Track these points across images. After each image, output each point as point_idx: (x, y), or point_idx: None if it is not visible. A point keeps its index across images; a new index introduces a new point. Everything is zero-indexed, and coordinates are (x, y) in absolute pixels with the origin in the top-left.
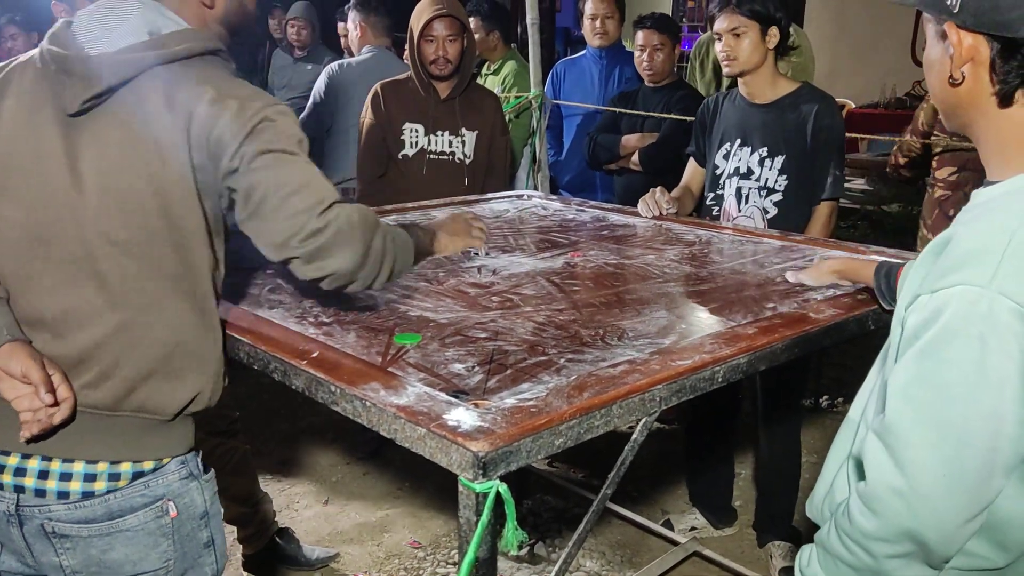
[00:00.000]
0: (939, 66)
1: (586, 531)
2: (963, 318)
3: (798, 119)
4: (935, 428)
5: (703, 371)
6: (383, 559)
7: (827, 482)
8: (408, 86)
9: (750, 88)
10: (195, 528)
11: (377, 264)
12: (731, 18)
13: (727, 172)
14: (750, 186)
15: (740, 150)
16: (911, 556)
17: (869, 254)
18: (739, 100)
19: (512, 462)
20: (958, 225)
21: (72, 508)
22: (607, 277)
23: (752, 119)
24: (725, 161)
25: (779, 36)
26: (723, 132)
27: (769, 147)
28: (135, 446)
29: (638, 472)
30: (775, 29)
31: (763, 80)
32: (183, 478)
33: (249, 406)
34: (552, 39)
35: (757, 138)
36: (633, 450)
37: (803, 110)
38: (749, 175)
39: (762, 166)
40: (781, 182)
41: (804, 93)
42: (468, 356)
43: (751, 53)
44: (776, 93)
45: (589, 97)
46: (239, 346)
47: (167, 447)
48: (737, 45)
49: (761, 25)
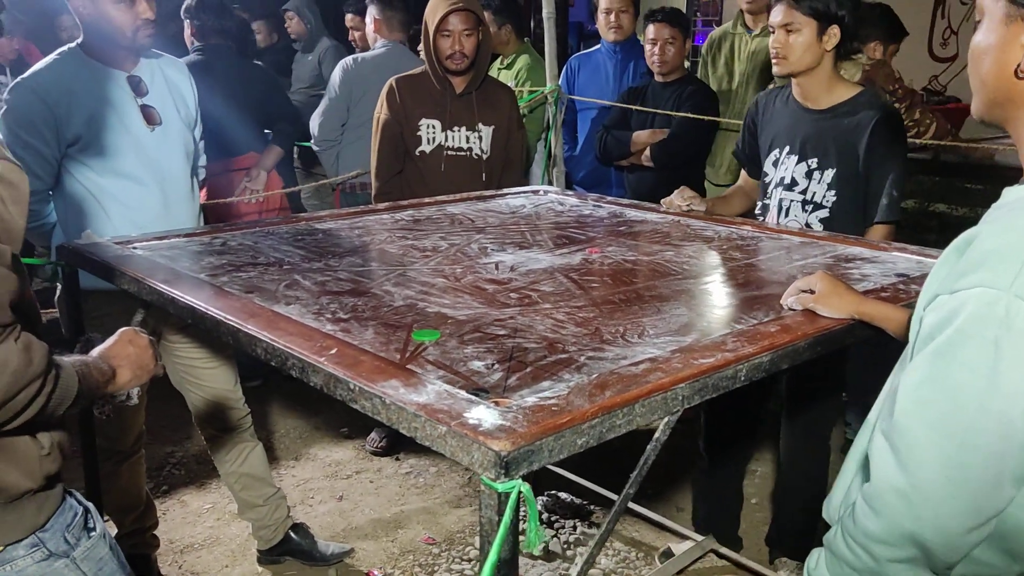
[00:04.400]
0: (1000, 53)
1: (608, 530)
2: (979, 321)
3: (854, 130)
4: (941, 431)
5: (726, 369)
6: (397, 555)
7: (844, 485)
8: (423, 81)
9: (803, 91)
10: None
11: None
12: (786, 12)
13: (775, 181)
14: (792, 198)
15: (788, 158)
16: (913, 561)
17: (891, 251)
18: (791, 102)
19: (534, 461)
20: (984, 223)
21: None
22: (626, 273)
23: (803, 125)
24: (774, 169)
25: (839, 37)
26: (773, 136)
27: (819, 158)
28: None
29: (653, 468)
30: (835, 29)
31: (817, 84)
32: (40, 560)
33: (263, 402)
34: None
35: (807, 147)
36: (656, 449)
37: (860, 120)
38: (793, 186)
39: (810, 178)
40: (829, 197)
41: (863, 100)
42: (487, 353)
43: (803, 53)
44: (832, 99)
45: (604, 92)
46: (256, 343)
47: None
48: (789, 43)
49: (819, 23)
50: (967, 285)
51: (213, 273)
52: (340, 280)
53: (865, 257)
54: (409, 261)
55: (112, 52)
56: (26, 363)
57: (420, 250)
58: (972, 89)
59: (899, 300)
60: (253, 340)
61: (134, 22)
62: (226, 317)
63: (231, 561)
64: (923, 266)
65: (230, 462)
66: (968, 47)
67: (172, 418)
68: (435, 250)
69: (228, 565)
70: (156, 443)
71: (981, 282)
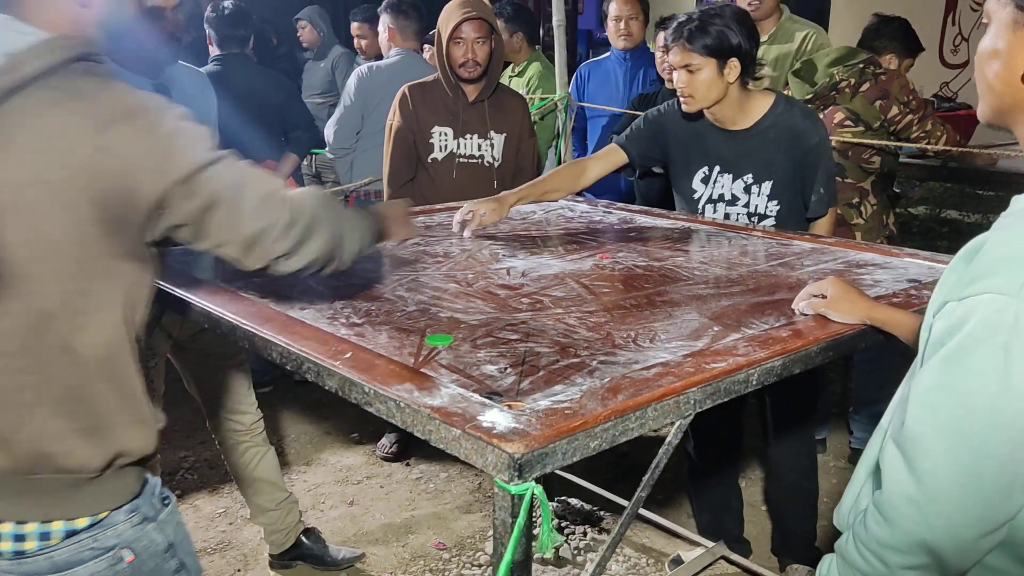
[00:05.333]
0: (1008, 59)
1: (620, 535)
2: (988, 327)
3: (780, 141)
4: (954, 437)
5: (738, 374)
6: (408, 560)
7: (855, 491)
8: (436, 89)
9: (718, 118)
10: (159, 563)
11: (341, 243)
12: (683, 54)
13: (707, 197)
14: (738, 211)
15: (721, 176)
16: (926, 568)
17: (903, 256)
18: (710, 123)
19: (548, 464)
20: (993, 230)
21: (16, 563)
22: (636, 279)
23: (729, 147)
24: (704, 186)
25: (740, 67)
26: (694, 155)
27: (755, 174)
28: (64, 505)
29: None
30: (734, 61)
31: (731, 109)
32: (136, 525)
33: (273, 407)
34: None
35: (740, 165)
36: (668, 453)
37: (785, 131)
38: (735, 201)
39: (749, 193)
40: (772, 208)
41: (781, 111)
42: (500, 358)
43: (708, 90)
44: (750, 118)
45: (613, 99)
46: (271, 347)
47: (101, 502)
48: (692, 82)
49: (717, 59)
50: (976, 291)
51: (228, 278)
52: (353, 285)
53: (877, 263)
54: (421, 267)
55: (137, 61)
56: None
57: (432, 256)
58: (979, 93)
59: (911, 306)
60: (269, 344)
61: (160, 33)
62: (241, 321)
63: (243, 565)
64: (935, 272)
65: (243, 467)
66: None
67: (185, 423)
68: (447, 256)
69: (240, 570)
70: (169, 448)
71: (990, 288)
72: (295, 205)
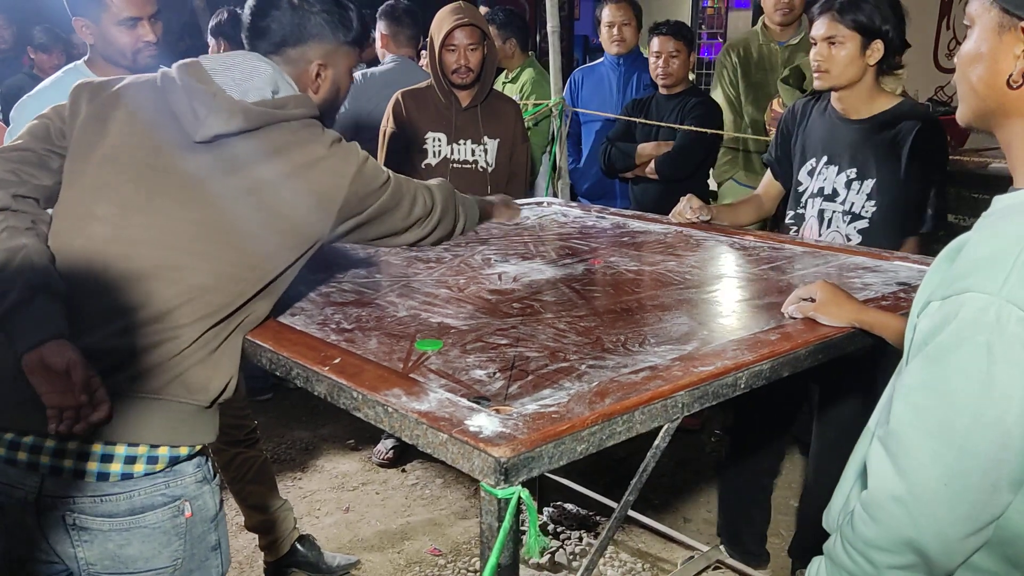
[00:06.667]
0: (992, 63)
1: (608, 538)
2: (971, 325)
3: (893, 140)
4: (938, 436)
5: (725, 377)
6: (404, 566)
7: (844, 492)
8: (429, 95)
9: (843, 104)
10: (206, 531)
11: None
12: (829, 24)
13: (811, 191)
14: (835, 209)
15: (826, 168)
16: (912, 568)
17: (893, 260)
18: (830, 112)
19: (534, 468)
20: (974, 231)
21: (97, 502)
22: (628, 284)
23: (841, 135)
24: (809, 179)
25: (883, 52)
26: (808, 145)
27: (858, 168)
28: (173, 431)
29: (659, 479)
30: (879, 43)
31: (858, 97)
32: (199, 481)
33: (269, 414)
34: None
35: (845, 157)
36: (656, 456)
37: (900, 130)
38: (834, 197)
39: (849, 188)
40: (868, 208)
41: (904, 110)
42: (489, 362)
43: (846, 67)
44: (872, 109)
45: (607, 104)
46: (261, 352)
47: (200, 434)
48: (831, 56)
49: (863, 37)
50: (958, 291)
51: None
52: (344, 291)
53: (867, 266)
54: (413, 272)
55: (115, 71)
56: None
57: (424, 261)
58: (959, 96)
59: (899, 309)
60: (259, 350)
61: (135, 44)
62: None
63: (238, 572)
64: (924, 275)
65: (237, 474)
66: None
67: None
68: (439, 261)
69: None
70: None
71: (972, 287)
72: (434, 198)
